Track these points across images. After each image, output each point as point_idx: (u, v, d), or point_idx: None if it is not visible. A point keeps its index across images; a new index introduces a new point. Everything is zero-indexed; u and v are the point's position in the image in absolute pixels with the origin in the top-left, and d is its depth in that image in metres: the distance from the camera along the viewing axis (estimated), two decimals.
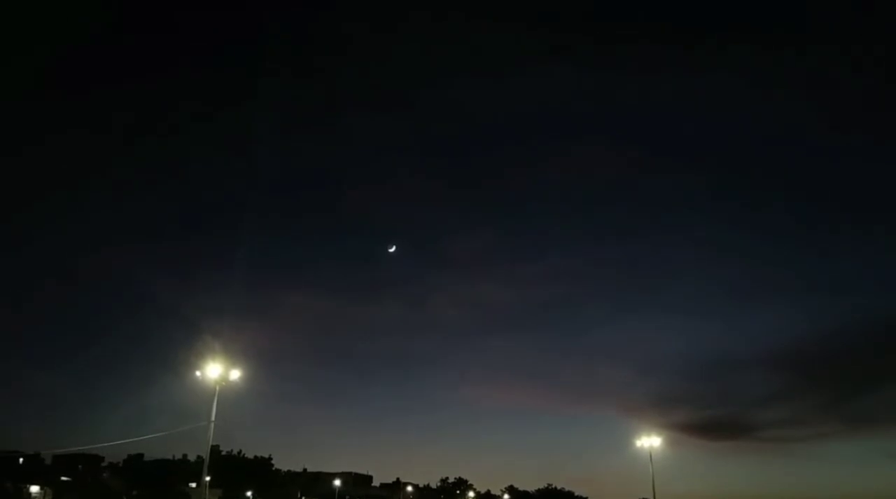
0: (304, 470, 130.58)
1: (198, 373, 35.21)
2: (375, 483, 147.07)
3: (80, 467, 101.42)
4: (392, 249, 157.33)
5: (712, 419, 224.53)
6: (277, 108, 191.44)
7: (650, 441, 57.03)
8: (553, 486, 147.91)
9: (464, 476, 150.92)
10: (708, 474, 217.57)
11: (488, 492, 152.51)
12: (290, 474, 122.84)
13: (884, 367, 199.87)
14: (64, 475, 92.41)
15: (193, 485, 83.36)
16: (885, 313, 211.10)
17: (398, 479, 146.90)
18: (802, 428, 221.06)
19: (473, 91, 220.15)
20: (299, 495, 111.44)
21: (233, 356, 36.21)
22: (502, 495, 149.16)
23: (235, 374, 35.52)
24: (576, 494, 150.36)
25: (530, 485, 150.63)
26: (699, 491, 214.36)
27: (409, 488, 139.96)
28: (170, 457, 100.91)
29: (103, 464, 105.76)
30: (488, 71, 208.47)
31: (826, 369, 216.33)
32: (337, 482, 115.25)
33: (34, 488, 77.44)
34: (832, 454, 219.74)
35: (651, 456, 56.47)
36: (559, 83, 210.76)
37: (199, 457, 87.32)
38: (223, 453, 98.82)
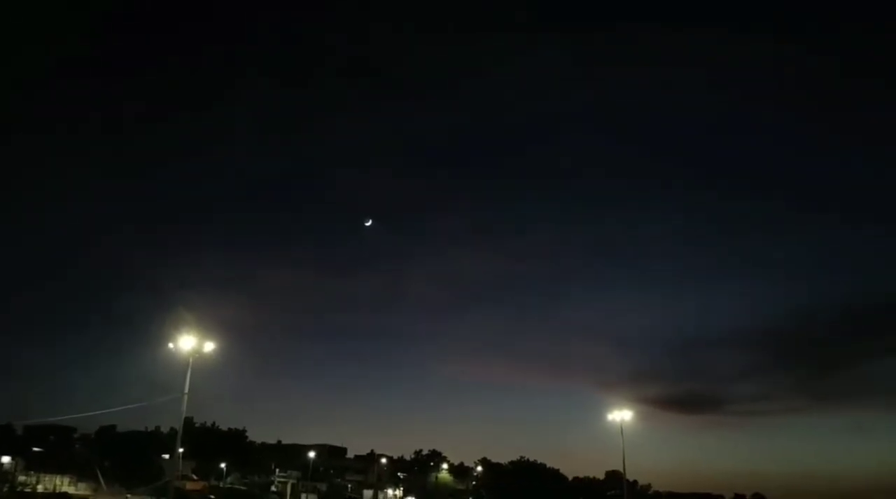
0: (279, 442, 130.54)
1: (171, 345, 34.92)
2: (350, 455, 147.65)
3: (51, 437, 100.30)
4: (369, 223, 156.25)
5: (685, 394, 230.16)
6: (259, 89, 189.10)
7: (622, 415, 57.97)
8: (526, 458, 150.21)
9: (438, 448, 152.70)
10: (679, 447, 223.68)
11: (462, 464, 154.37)
12: (265, 446, 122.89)
13: (850, 347, 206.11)
14: (35, 446, 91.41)
15: (166, 457, 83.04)
16: (854, 297, 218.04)
17: (372, 451, 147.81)
18: (772, 403, 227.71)
19: (451, 73, 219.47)
20: (273, 467, 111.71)
21: (208, 329, 35.99)
22: (475, 466, 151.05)
23: (209, 346, 35.29)
24: (548, 466, 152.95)
25: (503, 457, 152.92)
26: (670, 463, 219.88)
27: (384, 460, 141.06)
28: (143, 429, 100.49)
29: (75, 435, 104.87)
30: (468, 55, 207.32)
31: (796, 348, 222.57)
32: (311, 454, 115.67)
33: (5, 459, 76.54)
34: (800, 428, 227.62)
35: (622, 430, 57.48)
36: (540, 66, 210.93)
37: (172, 429, 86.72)
38: (197, 425, 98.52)
